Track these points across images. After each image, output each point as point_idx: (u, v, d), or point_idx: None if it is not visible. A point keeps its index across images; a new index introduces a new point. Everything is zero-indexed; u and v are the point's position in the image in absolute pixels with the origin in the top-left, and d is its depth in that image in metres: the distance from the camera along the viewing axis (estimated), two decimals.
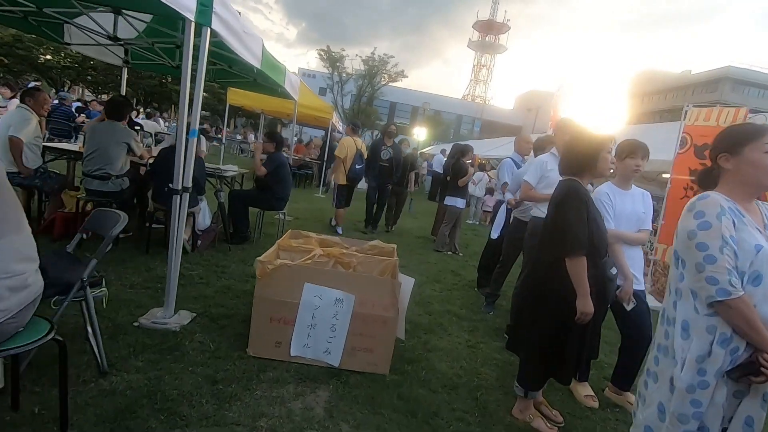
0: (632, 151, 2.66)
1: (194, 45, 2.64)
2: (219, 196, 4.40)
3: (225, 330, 2.83)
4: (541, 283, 2.27)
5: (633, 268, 2.65)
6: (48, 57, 26.25)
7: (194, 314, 2.94)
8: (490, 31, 72.03)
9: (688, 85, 52.84)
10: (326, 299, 2.56)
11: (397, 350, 2.76)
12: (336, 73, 34.80)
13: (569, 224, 2.12)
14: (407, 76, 33.83)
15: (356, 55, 33.82)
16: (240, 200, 4.80)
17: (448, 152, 16.90)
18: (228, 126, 32.29)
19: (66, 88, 28.56)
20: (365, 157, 6.65)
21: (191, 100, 2.80)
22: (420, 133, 33.11)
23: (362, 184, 13.57)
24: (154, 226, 4.14)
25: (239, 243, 4.76)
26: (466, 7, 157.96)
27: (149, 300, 3.07)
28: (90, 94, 30.05)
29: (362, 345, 2.59)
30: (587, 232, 2.13)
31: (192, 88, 2.77)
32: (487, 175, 11.47)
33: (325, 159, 11.27)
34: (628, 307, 2.63)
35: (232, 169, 4.96)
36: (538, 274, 2.31)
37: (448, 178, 6.66)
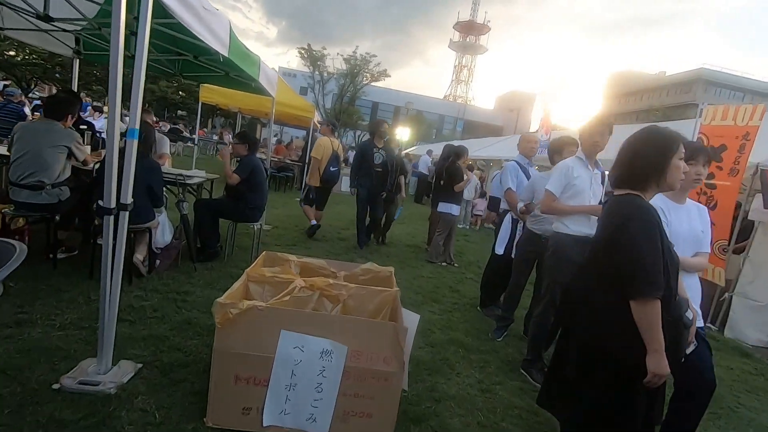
0: (691, 155, 2.12)
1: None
2: (181, 207, 3.72)
3: (178, 387, 2.18)
4: (596, 336, 1.71)
5: (692, 300, 2.12)
6: (11, 53, 24.75)
7: (140, 365, 2.29)
8: (470, 32, 72.11)
9: (663, 86, 53.76)
10: (309, 351, 1.95)
11: (400, 404, 2.17)
12: (317, 72, 33.98)
13: (641, 256, 1.56)
14: (390, 76, 33.35)
15: (338, 53, 33.10)
16: (207, 211, 4.13)
17: (434, 153, 16.37)
18: (205, 126, 31.20)
19: (33, 86, 27.06)
20: (342, 158, 6.30)
21: (128, 91, 2.15)
22: (403, 133, 32.74)
23: (343, 187, 12.99)
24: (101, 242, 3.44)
25: (207, 261, 4.09)
26: (446, 8, 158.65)
27: (83, 347, 2.40)
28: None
29: (358, 408, 1.98)
30: (663, 267, 1.58)
31: (129, 76, 2.13)
32: (475, 176, 10.96)
33: (307, 161, 10.68)
34: (689, 350, 2.10)
35: (197, 175, 4.27)
36: (590, 320, 1.75)
37: (441, 182, 6.11)
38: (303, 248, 5.43)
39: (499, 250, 3.90)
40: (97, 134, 6.37)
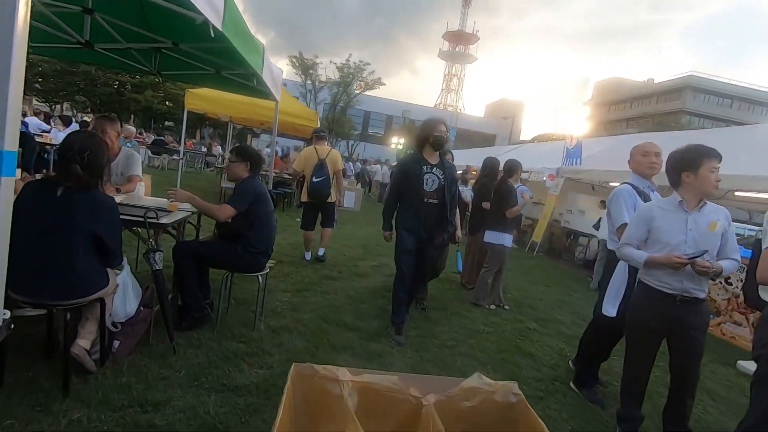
0: None
1: None
2: (153, 260, 2.47)
3: None
4: None
5: None
6: None
7: None
8: (459, 42, 71.92)
9: (652, 93, 53.73)
10: None
11: None
12: (309, 81, 32.83)
13: None
14: (385, 84, 32.34)
15: (330, 61, 31.95)
16: (191, 258, 2.88)
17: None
18: (193, 137, 29.75)
19: None
20: (332, 167, 5.28)
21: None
22: (399, 144, 31.71)
23: (346, 203, 11.74)
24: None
25: (190, 329, 2.83)
26: (432, 17, 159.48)
27: None
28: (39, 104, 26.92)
29: None
30: None
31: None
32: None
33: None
34: None
35: (181, 212, 2.99)
36: None
37: (485, 203, 4.95)
38: (319, 292, 4.20)
39: (611, 311, 2.71)
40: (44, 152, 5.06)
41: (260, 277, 3.08)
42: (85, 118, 15.71)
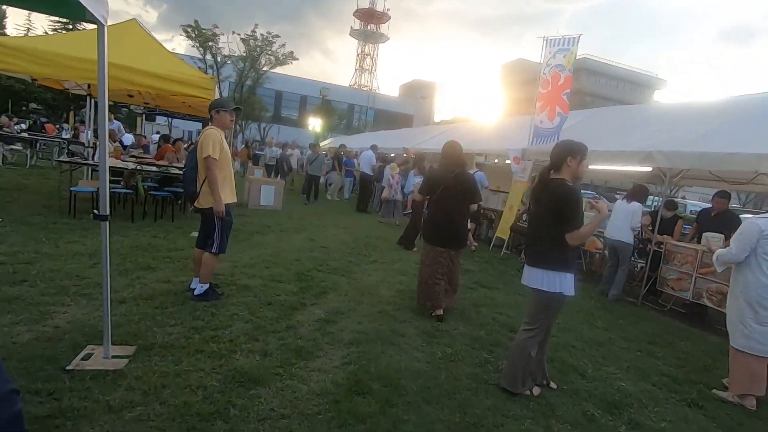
0: None
1: None
2: None
3: None
4: None
5: None
6: None
7: None
8: (371, 20, 69.40)
9: None
10: None
11: None
12: (209, 56, 28.27)
13: None
14: (297, 59, 28.92)
15: (233, 32, 27.62)
16: None
17: (370, 147, 13.14)
18: (65, 119, 24.02)
19: None
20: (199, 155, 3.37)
21: None
22: (316, 125, 28.86)
23: (265, 199, 9.11)
24: None
25: None
26: None
27: None
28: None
29: None
30: None
31: None
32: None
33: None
34: None
35: None
36: None
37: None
38: None
39: None
40: None
41: None
42: None
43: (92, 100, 8.03)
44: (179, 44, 29.27)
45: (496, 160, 9.62)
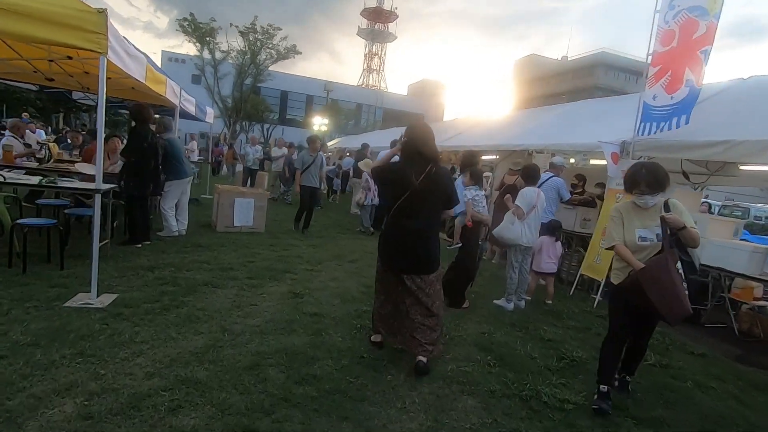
0: None
1: None
2: None
3: None
4: None
5: None
6: None
7: None
8: (378, 19, 66.75)
9: (567, 70, 53.28)
10: None
11: None
12: (207, 51, 25.77)
13: None
14: (300, 53, 26.23)
15: (231, 24, 24.97)
16: None
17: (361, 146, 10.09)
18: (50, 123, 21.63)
19: None
20: None
21: None
22: (323, 125, 26.22)
23: (241, 217, 6.16)
24: None
25: None
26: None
27: None
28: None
29: None
30: None
31: None
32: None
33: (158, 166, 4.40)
34: None
35: None
36: None
37: None
38: None
39: None
40: None
41: None
42: None
43: None
44: (190, 49, 27.17)
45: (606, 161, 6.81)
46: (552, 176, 5.64)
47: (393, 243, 2.81)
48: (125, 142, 5.13)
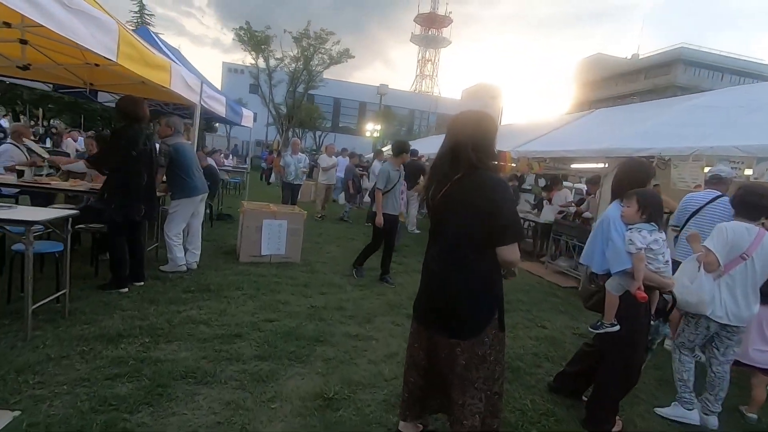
0: None
1: None
2: None
3: None
4: None
5: None
6: None
7: None
8: (432, 25, 65.17)
9: (639, 69, 48.34)
10: None
11: None
12: (261, 59, 25.47)
13: None
14: (353, 57, 25.17)
15: (285, 30, 24.44)
16: None
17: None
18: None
19: None
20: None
21: None
22: (375, 131, 25.00)
23: (270, 245, 4.68)
24: None
25: None
26: (403, 6, 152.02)
27: None
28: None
29: None
30: None
31: None
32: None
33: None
34: None
35: None
36: None
37: None
38: None
39: None
40: None
41: None
42: None
43: None
44: (249, 60, 27.32)
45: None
46: (719, 195, 3.66)
47: (421, 286, 1.92)
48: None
